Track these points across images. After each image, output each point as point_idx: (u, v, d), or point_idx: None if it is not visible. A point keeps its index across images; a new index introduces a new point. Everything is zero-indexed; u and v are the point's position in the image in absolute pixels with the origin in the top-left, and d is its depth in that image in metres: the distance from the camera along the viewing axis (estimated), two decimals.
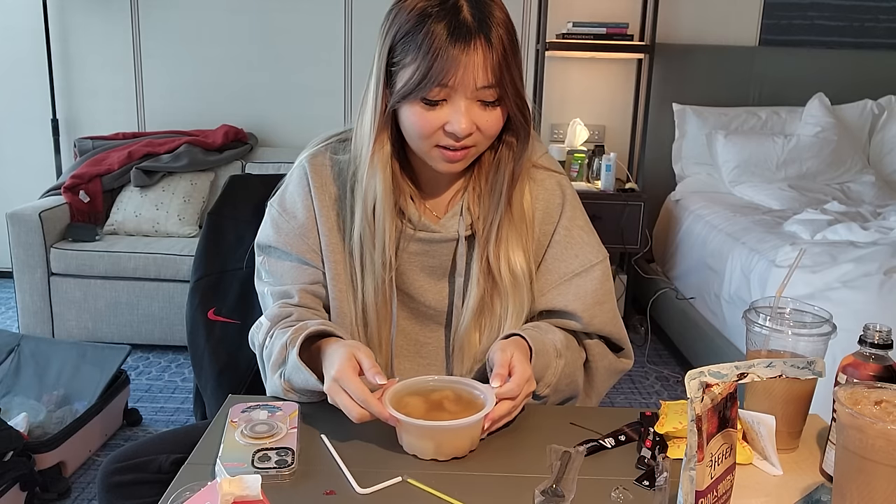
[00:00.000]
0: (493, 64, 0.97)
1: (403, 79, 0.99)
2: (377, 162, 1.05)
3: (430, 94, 0.98)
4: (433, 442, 0.90)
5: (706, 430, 0.73)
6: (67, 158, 3.70)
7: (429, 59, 0.95)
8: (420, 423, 0.89)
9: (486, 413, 0.90)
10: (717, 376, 0.74)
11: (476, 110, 1.00)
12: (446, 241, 1.12)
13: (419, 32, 0.96)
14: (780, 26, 3.72)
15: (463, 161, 1.05)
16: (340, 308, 1.12)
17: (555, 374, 1.06)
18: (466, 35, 0.95)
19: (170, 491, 0.81)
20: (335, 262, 1.12)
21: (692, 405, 0.72)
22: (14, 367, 2.39)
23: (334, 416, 1.01)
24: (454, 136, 1.00)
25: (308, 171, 1.13)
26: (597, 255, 1.15)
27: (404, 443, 0.92)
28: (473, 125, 1.00)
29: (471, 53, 0.95)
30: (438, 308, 1.16)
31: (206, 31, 3.70)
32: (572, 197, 1.18)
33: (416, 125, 1.00)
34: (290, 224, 1.13)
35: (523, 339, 1.04)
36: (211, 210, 1.43)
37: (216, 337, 1.34)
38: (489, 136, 1.04)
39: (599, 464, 0.91)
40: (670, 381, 3.00)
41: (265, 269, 1.15)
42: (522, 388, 0.95)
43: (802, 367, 0.78)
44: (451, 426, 0.89)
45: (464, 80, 0.96)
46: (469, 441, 0.92)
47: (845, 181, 3.36)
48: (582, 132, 3.57)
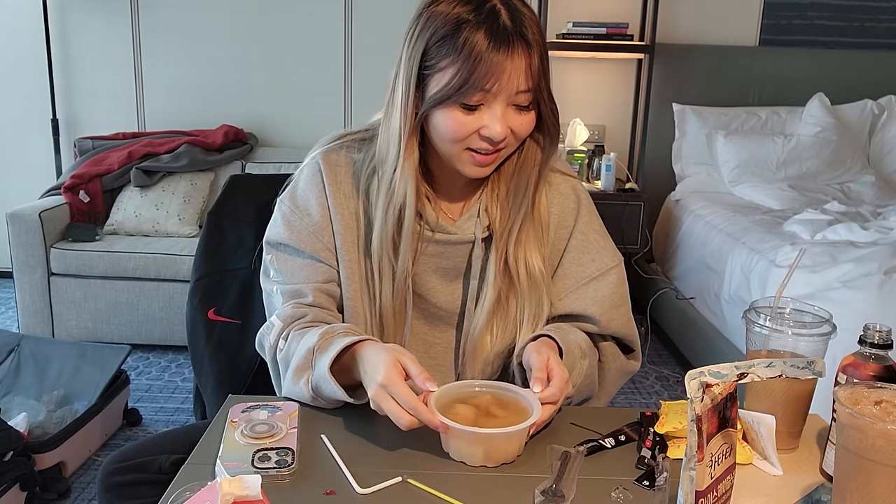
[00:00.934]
0: (532, 67, 0.98)
1: (440, 83, 0.98)
2: (408, 168, 1.04)
3: (470, 100, 0.98)
4: (483, 448, 0.89)
5: (706, 430, 0.73)
6: (67, 158, 3.70)
7: (470, 65, 0.95)
8: (472, 430, 0.88)
9: (535, 420, 0.90)
10: (717, 376, 0.74)
11: (511, 114, 1.00)
12: (462, 243, 1.12)
13: (457, 37, 0.96)
14: (780, 26, 3.72)
15: (492, 165, 1.06)
16: (354, 308, 1.11)
17: (580, 375, 1.07)
18: (508, 40, 0.96)
19: (170, 491, 0.81)
20: (349, 261, 1.11)
21: (692, 405, 0.72)
22: (14, 367, 2.39)
23: (334, 416, 1.01)
24: (490, 141, 1.00)
25: (322, 167, 1.12)
26: (613, 259, 1.16)
27: (451, 449, 0.91)
28: (508, 129, 1.01)
29: (513, 58, 0.96)
30: (450, 309, 1.15)
31: (206, 30, 3.70)
32: (587, 201, 1.19)
33: (451, 129, 1.00)
34: (303, 221, 1.11)
35: (552, 339, 1.04)
36: (211, 210, 1.43)
37: (216, 337, 1.34)
38: (520, 139, 1.05)
39: (599, 464, 0.91)
40: (670, 381, 3.00)
41: (274, 267, 1.12)
42: (563, 391, 0.95)
43: (802, 367, 0.79)
44: (502, 433, 0.89)
45: (504, 85, 0.97)
46: (518, 446, 0.92)
47: (845, 181, 3.36)
48: (582, 132, 3.57)
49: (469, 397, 0.98)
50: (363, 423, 0.99)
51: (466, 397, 0.98)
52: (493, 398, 0.98)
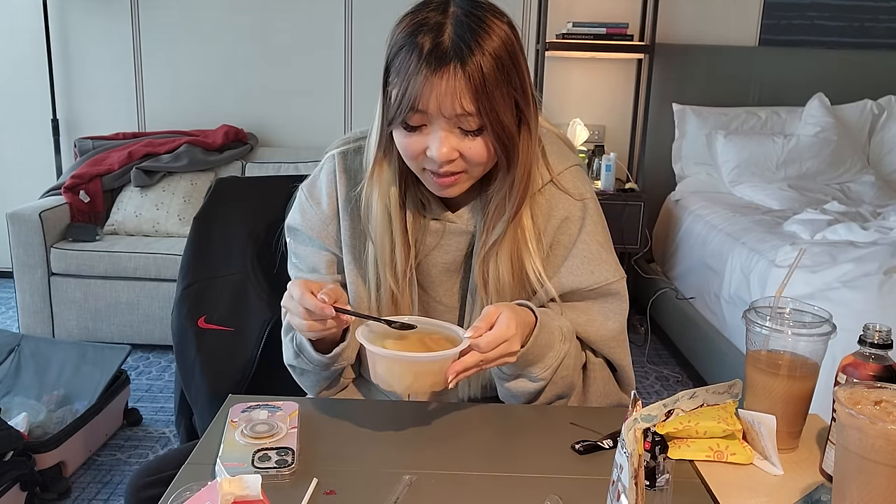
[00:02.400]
0: (469, 91, 0.92)
1: (391, 100, 0.98)
2: (375, 183, 1.05)
3: (409, 119, 0.96)
4: (411, 374, 0.91)
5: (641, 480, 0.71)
6: (67, 158, 3.70)
7: (406, 85, 0.93)
8: (398, 355, 0.91)
9: (462, 347, 0.91)
10: (648, 419, 0.72)
11: (455, 138, 0.96)
12: (462, 233, 1.10)
13: (400, 56, 0.95)
14: (779, 26, 3.72)
15: (457, 186, 1.02)
16: (357, 294, 1.13)
17: (557, 358, 1.03)
18: (439, 60, 0.91)
19: (170, 491, 0.81)
20: (351, 255, 1.13)
21: (631, 459, 0.68)
22: (14, 367, 2.39)
23: (334, 416, 1.01)
24: (432, 163, 0.98)
25: (337, 166, 1.13)
26: (613, 274, 1.11)
27: (379, 378, 0.93)
28: (454, 152, 0.97)
29: (442, 79, 0.91)
30: (450, 304, 1.15)
31: (206, 31, 3.70)
32: (595, 212, 1.13)
33: (401, 148, 1.00)
34: (313, 210, 1.14)
35: (531, 311, 1.02)
36: (197, 215, 1.40)
37: (208, 346, 1.32)
38: (478, 164, 0.99)
39: (599, 464, 0.91)
40: (670, 381, 3.00)
41: (292, 250, 1.17)
42: (497, 347, 0.92)
43: (723, 392, 0.88)
44: (427, 358, 0.91)
45: (434, 106, 0.93)
46: (444, 377, 0.92)
47: (845, 181, 3.36)
48: (582, 132, 3.56)
49: (400, 335, 0.99)
50: (365, 422, 0.99)
51: (397, 334, 0.99)
52: (423, 333, 0.99)
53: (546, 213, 1.11)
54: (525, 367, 1.03)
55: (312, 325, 0.96)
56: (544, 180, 1.11)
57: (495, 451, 0.94)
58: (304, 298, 0.94)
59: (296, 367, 1.13)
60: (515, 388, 1.06)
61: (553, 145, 1.15)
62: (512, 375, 1.05)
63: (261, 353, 1.33)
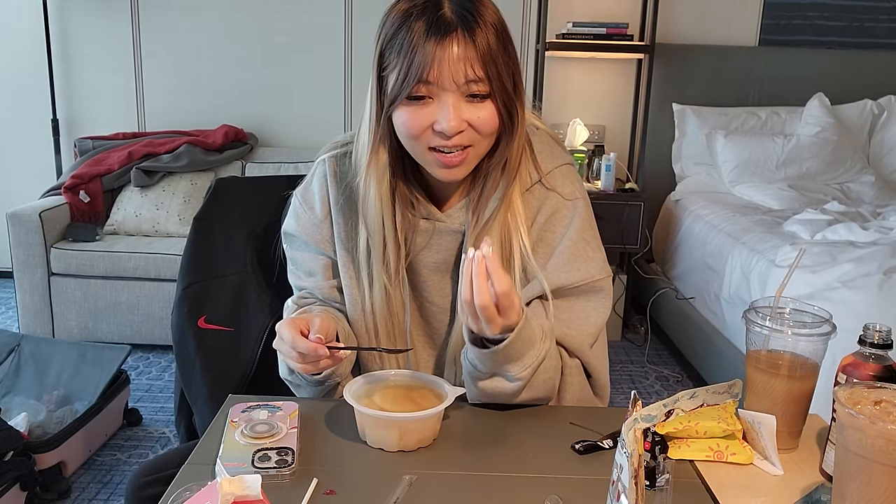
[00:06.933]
0: (476, 57, 0.95)
1: (391, 82, 0.98)
2: (373, 172, 1.05)
3: (414, 91, 0.96)
4: (398, 432, 0.92)
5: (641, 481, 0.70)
6: (67, 158, 3.70)
7: (409, 57, 0.95)
8: (385, 415, 0.92)
9: (446, 405, 0.93)
10: (648, 419, 0.72)
11: (465, 106, 0.97)
12: (451, 232, 1.10)
13: (400, 33, 0.96)
14: (780, 26, 3.72)
15: (463, 166, 1.02)
16: (353, 296, 1.13)
17: (537, 356, 0.99)
18: (444, 29, 0.94)
19: (170, 491, 0.81)
20: (345, 249, 1.13)
21: (631, 459, 0.68)
22: (14, 367, 2.39)
23: (334, 416, 1.01)
24: (443, 135, 0.97)
25: (328, 169, 1.15)
26: (600, 272, 1.10)
27: (368, 437, 0.94)
28: (463, 122, 0.97)
29: (448, 46, 0.94)
30: (442, 305, 1.15)
31: (206, 31, 3.70)
32: (584, 211, 1.12)
33: (406, 126, 0.99)
34: (307, 214, 1.15)
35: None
36: (197, 215, 1.40)
37: (208, 346, 1.32)
38: (486, 134, 1.00)
39: (599, 464, 0.91)
40: (670, 381, 3.00)
41: (290, 257, 1.18)
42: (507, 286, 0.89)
43: (723, 392, 0.88)
44: (415, 417, 0.92)
45: (445, 74, 0.94)
46: (433, 431, 0.95)
47: (845, 181, 3.36)
48: (582, 132, 3.57)
49: (383, 387, 1.01)
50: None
51: (381, 387, 1.01)
52: (407, 386, 1.01)
53: (534, 210, 1.11)
54: (503, 364, 0.98)
55: (307, 368, 0.98)
56: (533, 179, 1.11)
57: (495, 451, 0.94)
58: (295, 342, 0.94)
59: (291, 382, 1.12)
60: (490, 387, 1.01)
61: (543, 144, 1.14)
62: (487, 374, 1.00)
63: (261, 353, 1.33)
